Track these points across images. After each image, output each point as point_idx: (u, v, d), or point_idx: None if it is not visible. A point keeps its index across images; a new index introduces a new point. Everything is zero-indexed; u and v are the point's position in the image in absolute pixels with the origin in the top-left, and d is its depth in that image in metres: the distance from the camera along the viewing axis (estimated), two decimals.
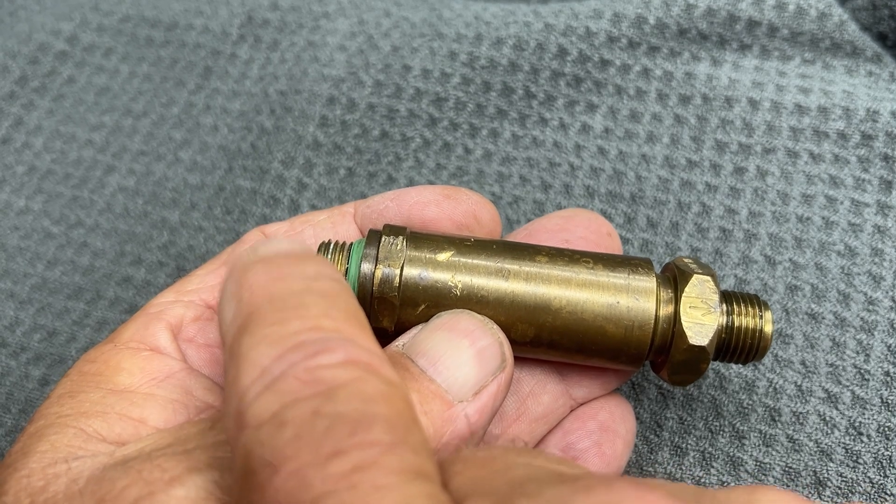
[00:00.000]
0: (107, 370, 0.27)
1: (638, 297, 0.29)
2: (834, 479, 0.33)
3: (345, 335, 0.21)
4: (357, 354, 0.20)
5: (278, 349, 0.20)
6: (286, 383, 0.19)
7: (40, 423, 0.25)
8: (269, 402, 0.19)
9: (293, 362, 0.20)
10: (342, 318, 0.21)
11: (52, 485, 0.23)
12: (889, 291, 0.37)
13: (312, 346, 0.20)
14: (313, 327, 0.21)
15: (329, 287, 0.22)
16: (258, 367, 0.20)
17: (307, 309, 0.21)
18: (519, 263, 0.29)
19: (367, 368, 0.20)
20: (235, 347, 0.21)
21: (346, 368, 0.20)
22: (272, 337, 0.20)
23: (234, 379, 0.20)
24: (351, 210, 0.33)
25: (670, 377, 0.30)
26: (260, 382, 0.20)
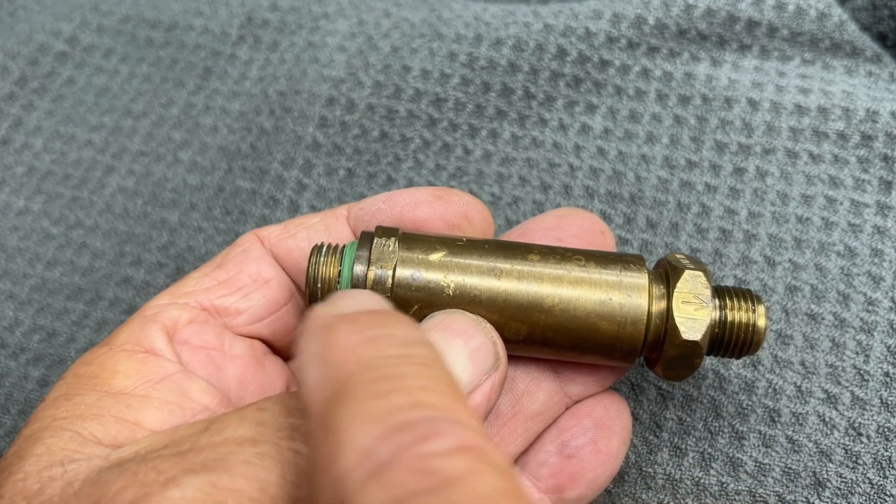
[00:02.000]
0: (102, 373, 0.27)
1: (630, 294, 0.29)
2: (833, 480, 0.33)
3: (451, 414, 0.20)
4: (468, 439, 0.19)
5: (381, 429, 0.19)
6: (396, 473, 0.18)
7: (36, 425, 0.25)
8: (378, 493, 0.18)
9: (401, 447, 0.18)
10: (443, 391, 0.20)
11: (47, 488, 0.23)
12: (889, 292, 0.37)
13: (420, 429, 0.19)
14: (416, 403, 0.20)
15: (424, 354, 0.22)
16: (359, 449, 0.19)
17: (406, 380, 0.20)
18: (511, 262, 0.29)
19: (481, 457, 0.19)
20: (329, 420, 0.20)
21: (460, 457, 0.18)
22: (372, 413, 0.19)
23: (331, 457, 0.19)
24: (344, 212, 0.33)
25: (664, 372, 0.30)
26: (364, 467, 0.18)
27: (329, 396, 0.20)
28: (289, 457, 0.22)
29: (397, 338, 0.22)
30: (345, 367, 0.21)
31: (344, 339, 0.22)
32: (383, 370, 0.20)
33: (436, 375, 0.21)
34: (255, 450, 0.22)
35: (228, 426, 0.23)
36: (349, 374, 0.20)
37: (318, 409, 0.21)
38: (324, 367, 0.21)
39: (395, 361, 0.21)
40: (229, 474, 0.21)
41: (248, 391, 0.30)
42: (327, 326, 0.22)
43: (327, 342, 0.22)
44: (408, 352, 0.21)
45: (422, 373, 0.21)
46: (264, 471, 0.22)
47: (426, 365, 0.21)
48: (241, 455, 0.22)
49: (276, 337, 0.32)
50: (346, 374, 0.20)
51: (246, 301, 0.31)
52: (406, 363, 0.21)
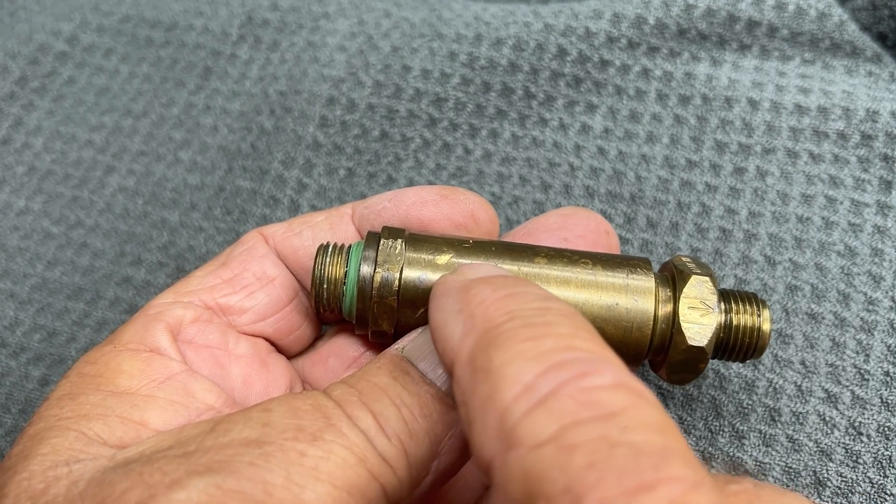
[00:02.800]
0: (107, 372, 0.27)
1: (636, 298, 0.29)
2: (834, 479, 0.33)
3: (602, 356, 0.21)
4: (622, 377, 0.20)
5: (540, 366, 0.20)
6: (560, 402, 0.19)
7: (40, 425, 0.25)
8: (544, 421, 0.19)
9: (562, 381, 0.19)
10: (589, 337, 0.21)
11: (52, 488, 0.22)
12: (889, 291, 0.37)
13: (578, 366, 0.20)
14: (568, 346, 0.21)
15: (563, 307, 0.23)
16: (519, 383, 0.20)
17: (554, 327, 0.21)
18: (518, 265, 0.29)
19: (637, 392, 0.20)
20: (483, 362, 0.21)
21: (619, 391, 0.19)
22: (529, 353, 0.20)
23: (491, 394, 0.20)
24: (349, 211, 0.33)
25: (669, 376, 0.30)
26: (527, 399, 0.19)
27: (479, 343, 0.22)
28: (294, 458, 0.22)
29: (535, 293, 0.23)
30: (492, 318, 0.22)
31: (485, 294, 0.23)
32: (530, 318, 0.22)
33: (579, 324, 0.22)
34: (261, 451, 0.22)
35: (234, 427, 0.23)
36: (498, 323, 0.22)
37: (468, 356, 0.22)
38: (469, 319, 0.22)
39: (539, 311, 0.22)
40: (234, 476, 0.21)
41: (253, 390, 0.30)
42: (465, 287, 0.24)
43: (467, 299, 0.23)
44: (548, 305, 0.22)
45: (567, 322, 0.22)
46: (270, 473, 0.22)
47: (568, 316, 0.22)
48: (247, 457, 0.22)
49: (281, 336, 0.32)
50: (495, 323, 0.22)
51: (250, 300, 0.31)
52: (549, 313, 0.22)
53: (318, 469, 0.22)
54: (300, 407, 0.24)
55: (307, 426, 0.23)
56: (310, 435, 0.23)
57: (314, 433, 0.23)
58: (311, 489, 0.22)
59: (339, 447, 0.23)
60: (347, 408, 0.24)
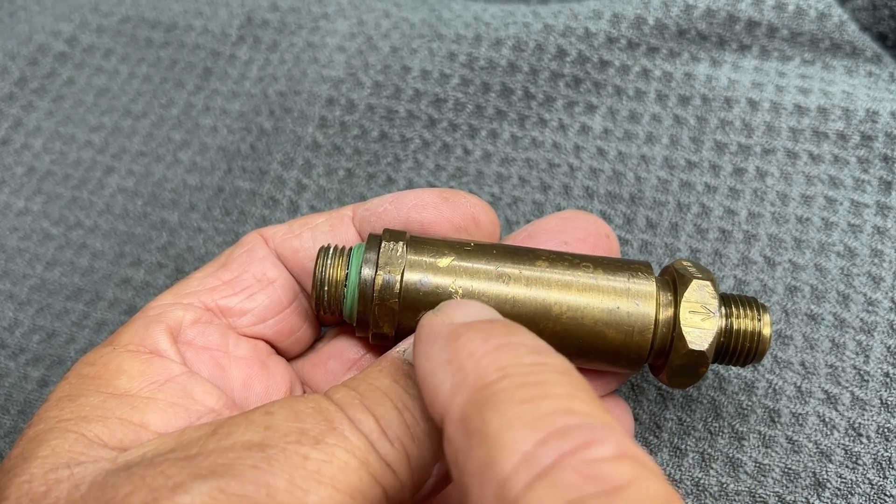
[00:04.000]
0: (106, 373, 0.27)
1: (638, 302, 0.29)
2: (833, 481, 0.33)
3: (603, 421, 0.20)
4: (626, 446, 0.19)
5: (540, 433, 0.19)
6: (564, 476, 0.18)
7: (40, 426, 0.25)
8: (548, 496, 0.18)
9: (564, 452, 0.19)
10: (588, 399, 0.21)
11: (53, 490, 0.22)
12: (889, 292, 0.37)
13: (580, 435, 0.19)
14: (567, 410, 0.20)
15: (558, 362, 0.22)
16: (518, 452, 0.19)
17: (551, 387, 0.21)
18: (519, 268, 0.29)
19: (642, 463, 0.19)
20: (478, 424, 0.20)
21: (624, 464, 0.19)
22: (526, 418, 0.20)
23: (488, 461, 0.19)
24: (349, 213, 0.33)
25: (669, 380, 0.30)
26: (527, 471, 0.19)
27: (471, 402, 0.21)
28: (297, 462, 0.22)
29: (528, 346, 0.22)
30: (484, 374, 0.21)
31: (475, 346, 0.22)
32: (525, 377, 0.21)
33: (576, 383, 0.21)
34: (264, 454, 0.22)
35: (236, 430, 0.23)
36: (491, 381, 0.21)
37: (460, 414, 0.21)
38: (458, 373, 0.22)
39: (534, 368, 0.21)
40: (238, 480, 0.21)
41: (253, 392, 0.30)
42: (453, 334, 0.23)
43: (456, 349, 0.22)
44: (542, 360, 0.22)
45: (564, 380, 0.21)
46: (273, 476, 0.21)
47: (564, 373, 0.21)
48: (250, 460, 0.22)
49: (280, 338, 0.32)
50: (488, 381, 0.21)
51: (250, 301, 0.31)
52: (545, 371, 0.21)
53: (321, 473, 0.22)
54: (302, 410, 0.24)
55: (309, 429, 0.23)
56: (312, 438, 0.23)
57: (316, 436, 0.23)
58: (314, 493, 0.22)
59: (342, 451, 0.23)
60: (349, 411, 0.24)
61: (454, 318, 0.24)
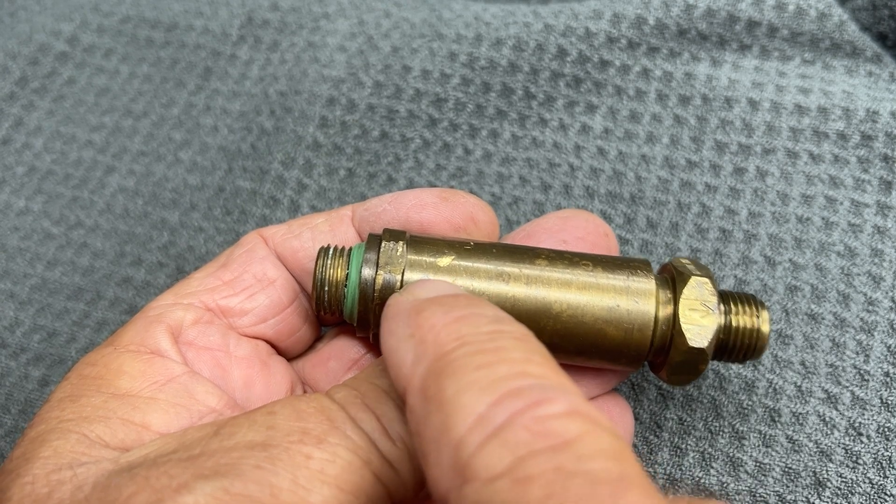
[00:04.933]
0: (107, 374, 0.27)
1: (637, 300, 0.29)
2: (834, 480, 0.33)
3: (556, 382, 0.20)
4: (577, 404, 0.20)
5: (493, 395, 0.20)
6: (514, 433, 0.19)
7: (41, 427, 0.25)
8: (498, 453, 0.19)
9: (516, 410, 0.19)
10: (543, 362, 0.21)
11: (56, 492, 0.22)
12: (889, 292, 0.37)
13: (532, 395, 0.20)
14: (521, 373, 0.20)
15: (516, 329, 0.22)
16: (473, 414, 0.19)
17: (507, 352, 0.21)
18: (519, 267, 0.29)
19: (592, 420, 0.19)
20: (435, 391, 0.21)
21: (574, 420, 0.19)
22: (481, 382, 0.20)
23: (444, 425, 0.20)
24: (349, 213, 0.33)
25: (669, 377, 0.30)
26: (480, 431, 0.19)
27: (430, 371, 0.21)
28: (300, 461, 0.22)
29: (487, 315, 0.23)
30: (442, 344, 0.22)
31: (435, 318, 0.23)
32: (482, 344, 0.21)
33: (532, 348, 0.22)
34: (267, 454, 0.22)
35: (239, 430, 0.23)
36: (448, 350, 0.21)
37: (419, 384, 0.21)
38: (419, 345, 0.22)
39: (491, 336, 0.22)
40: (241, 480, 0.21)
41: (254, 392, 0.30)
42: (415, 309, 0.23)
43: (418, 323, 0.23)
44: (500, 328, 0.22)
45: (519, 346, 0.22)
46: (275, 476, 0.22)
47: (520, 339, 0.22)
48: (253, 460, 0.22)
49: (281, 338, 0.32)
50: (445, 350, 0.21)
51: (251, 302, 0.31)
52: (502, 337, 0.22)
53: (324, 472, 0.22)
54: (304, 410, 0.24)
55: (312, 429, 0.23)
56: (315, 438, 0.23)
57: (319, 436, 0.23)
58: (318, 492, 0.22)
59: (344, 450, 0.23)
60: (351, 410, 0.24)
61: (418, 296, 0.25)
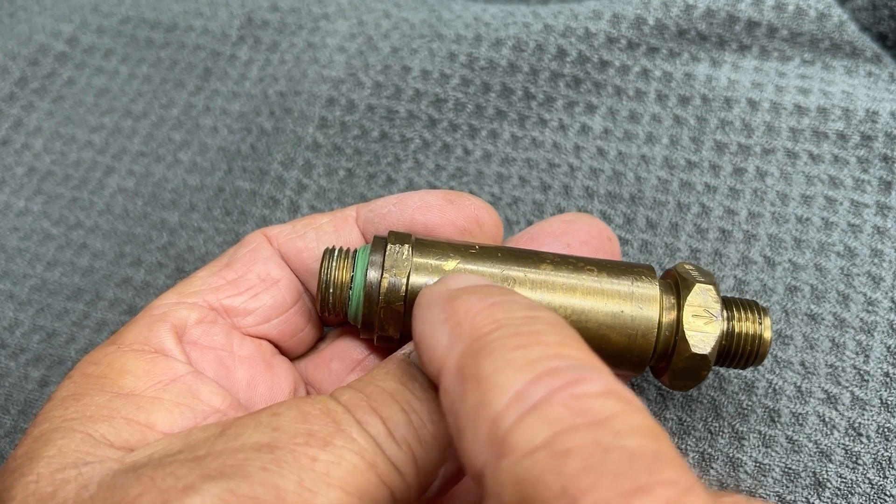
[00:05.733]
0: (111, 373, 0.27)
1: (641, 306, 0.29)
2: (833, 480, 0.33)
3: (591, 363, 0.21)
4: (612, 384, 0.20)
5: (531, 373, 0.20)
6: (552, 409, 0.19)
7: (45, 426, 0.25)
8: (536, 427, 0.19)
9: (553, 388, 0.20)
10: (578, 346, 0.22)
11: (61, 491, 0.22)
12: (889, 292, 0.37)
13: (568, 373, 0.20)
14: (557, 354, 0.21)
15: (550, 315, 0.23)
16: (510, 391, 0.20)
17: (543, 335, 0.22)
18: (524, 271, 0.29)
19: (626, 399, 0.20)
20: (472, 370, 0.21)
21: (609, 399, 0.20)
22: (519, 362, 0.21)
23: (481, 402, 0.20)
24: (353, 214, 0.33)
25: (671, 383, 0.30)
26: (517, 406, 0.20)
27: (467, 351, 0.22)
28: (306, 463, 0.22)
29: (521, 302, 0.23)
30: (479, 326, 0.22)
31: (470, 304, 0.23)
32: (518, 327, 0.22)
33: (566, 333, 0.22)
34: (272, 456, 0.22)
35: (244, 432, 0.23)
36: (486, 332, 0.22)
37: (455, 364, 0.22)
38: (456, 328, 0.23)
39: (527, 320, 0.22)
40: (247, 481, 0.21)
41: (257, 392, 0.30)
42: (450, 297, 0.24)
43: (453, 308, 0.23)
44: (535, 314, 0.23)
45: (554, 330, 0.22)
46: (281, 478, 0.21)
47: (554, 324, 0.22)
48: (259, 462, 0.22)
49: (284, 338, 0.32)
50: (483, 332, 0.22)
51: (255, 301, 0.31)
52: (537, 322, 0.22)
53: (330, 474, 0.22)
54: (310, 412, 0.24)
55: (317, 431, 0.23)
56: (320, 440, 0.23)
57: (324, 438, 0.23)
58: (323, 494, 0.22)
59: (350, 452, 0.23)
60: (357, 413, 0.24)
61: (450, 286, 0.25)
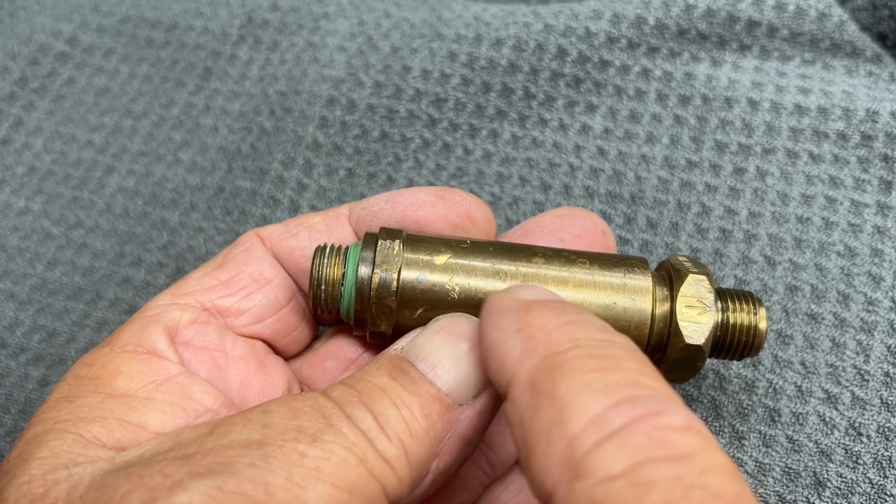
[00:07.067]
0: (104, 374, 0.27)
1: (634, 298, 0.29)
2: (834, 480, 0.33)
3: (670, 396, 0.21)
4: (693, 420, 0.20)
5: (611, 399, 0.20)
6: (633, 438, 0.19)
7: (38, 428, 0.25)
8: (617, 454, 0.19)
9: (634, 416, 0.20)
10: (655, 376, 0.22)
11: (52, 491, 0.22)
12: (889, 292, 0.37)
13: (650, 404, 0.20)
14: (636, 382, 0.21)
15: (626, 342, 0.23)
16: (589, 413, 0.20)
17: (621, 361, 0.21)
18: (516, 265, 0.29)
19: (706, 437, 0.20)
20: (546, 386, 0.21)
21: (690, 434, 0.19)
22: (597, 384, 0.20)
23: (556, 420, 0.20)
24: (345, 212, 0.33)
25: (666, 375, 0.30)
26: (596, 430, 0.19)
27: (541, 366, 0.22)
28: (295, 459, 0.22)
29: (597, 325, 0.23)
30: (556, 342, 0.22)
31: (546, 318, 0.23)
32: (595, 350, 0.22)
33: (644, 360, 0.22)
34: (261, 452, 0.22)
35: (234, 429, 0.23)
36: (563, 349, 0.22)
37: (527, 377, 0.22)
38: (528, 341, 0.22)
39: (604, 344, 0.22)
40: (236, 478, 0.21)
41: (251, 392, 0.30)
42: (524, 308, 0.24)
43: (527, 321, 0.23)
44: (611, 338, 0.23)
45: (632, 356, 0.22)
46: (271, 474, 0.21)
47: (632, 351, 0.22)
48: (248, 458, 0.22)
49: (278, 337, 0.32)
50: (559, 349, 0.22)
51: (247, 301, 0.31)
52: (614, 346, 0.22)
53: (319, 469, 0.22)
54: (300, 408, 0.24)
55: (307, 427, 0.23)
56: (310, 436, 0.23)
57: (314, 434, 0.23)
58: (313, 490, 0.22)
59: (340, 447, 0.23)
60: (347, 408, 0.24)
61: (523, 296, 0.25)
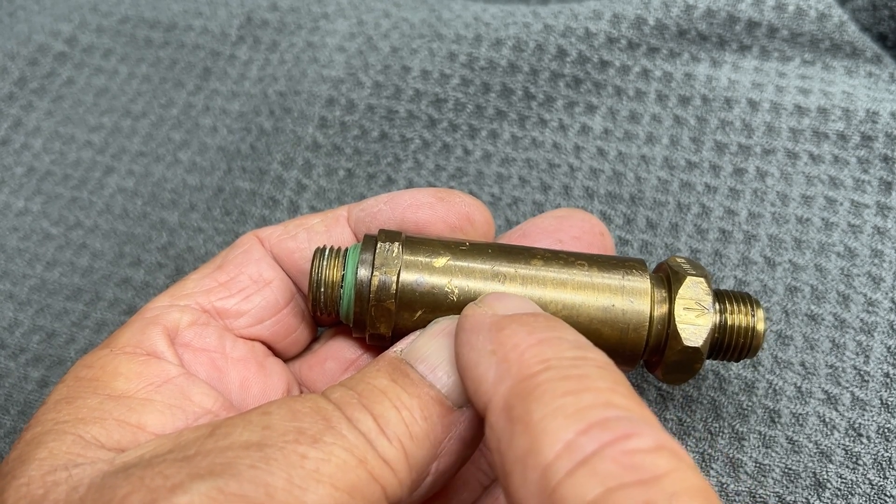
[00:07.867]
0: (104, 375, 0.27)
1: (633, 300, 0.29)
2: (833, 481, 0.33)
3: (641, 415, 0.21)
4: (664, 439, 0.20)
5: (580, 423, 0.20)
6: (603, 464, 0.19)
7: (38, 429, 0.25)
8: (588, 483, 0.19)
9: (604, 442, 0.20)
10: (627, 393, 0.22)
11: (51, 493, 0.22)
12: (889, 293, 0.37)
13: (620, 427, 0.20)
14: (608, 403, 0.21)
15: (598, 357, 0.23)
16: (560, 440, 0.20)
17: (592, 381, 0.21)
18: (515, 267, 0.29)
19: (678, 456, 0.20)
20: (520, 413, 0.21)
21: (662, 455, 0.20)
22: (568, 409, 0.20)
23: (531, 448, 0.20)
24: (344, 213, 0.33)
25: (664, 377, 0.30)
26: (568, 458, 0.20)
27: (514, 392, 0.22)
28: (295, 460, 0.22)
29: (569, 340, 0.23)
30: (527, 366, 0.22)
31: (519, 338, 0.23)
32: (567, 370, 0.22)
33: (616, 378, 0.22)
34: (262, 454, 0.22)
35: (234, 430, 0.23)
36: (534, 372, 0.22)
37: (502, 403, 0.22)
38: (502, 363, 0.22)
39: (576, 362, 0.22)
40: (236, 479, 0.21)
41: (250, 393, 0.30)
42: (496, 325, 0.24)
43: (500, 340, 0.23)
44: (584, 354, 0.22)
45: (604, 375, 0.22)
46: (271, 475, 0.21)
47: (604, 368, 0.22)
48: (248, 460, 0.22)
49: (277, 339, 0.32)
50: (531, 372, 0.22)
51: (247, 303, 0.31)
52: (586, 364, 0.22)
53: (319, 471, 0.22)
54: (300, 410, 0.24)
55: (307, 428, 0.23)
56: (310, 437, 0.23)
57: (314, 435, 0.23)
58: (313, 491, 0.22)
59: (340, 449, 0.23)
60: (347, 410, 0.24)
61: (497, 310, 0.25)
